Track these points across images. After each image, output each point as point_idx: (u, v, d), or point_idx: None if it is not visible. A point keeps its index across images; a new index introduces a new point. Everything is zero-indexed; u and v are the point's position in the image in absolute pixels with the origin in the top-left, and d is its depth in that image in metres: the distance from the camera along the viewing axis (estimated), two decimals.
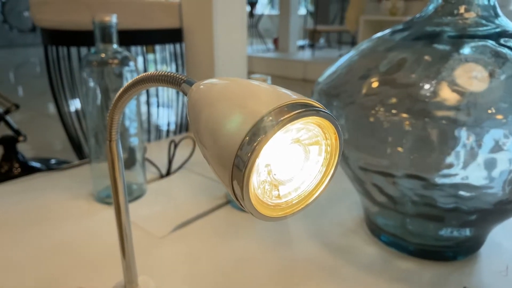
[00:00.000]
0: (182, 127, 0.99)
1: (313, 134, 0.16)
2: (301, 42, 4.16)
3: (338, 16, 4.72)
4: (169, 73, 0.20)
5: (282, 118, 0.14)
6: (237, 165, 0.14)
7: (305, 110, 0.14)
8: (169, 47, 0.90)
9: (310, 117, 0.14)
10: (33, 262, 0.44)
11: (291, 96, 0.14)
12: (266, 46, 3.97)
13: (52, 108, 1.93)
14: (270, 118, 0.14)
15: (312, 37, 3.84)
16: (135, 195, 0.58)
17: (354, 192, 0.61)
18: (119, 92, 0.23)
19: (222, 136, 0.14)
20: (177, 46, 0.90)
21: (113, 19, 0.52)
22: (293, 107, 0.14)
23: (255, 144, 0.13)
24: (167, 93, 1.07)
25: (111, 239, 0.48)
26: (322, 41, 4.69)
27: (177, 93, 1.01)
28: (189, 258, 0.45)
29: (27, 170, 0.74)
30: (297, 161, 0.16)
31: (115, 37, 0.53)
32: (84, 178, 0.65)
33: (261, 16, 4.44)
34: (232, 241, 0.48)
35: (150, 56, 1.11)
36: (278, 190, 0.16)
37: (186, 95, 0.18)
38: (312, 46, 3.83)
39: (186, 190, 0.61)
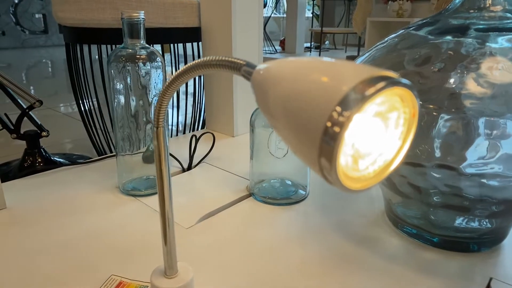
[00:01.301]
0: (187, 126, 1.00)
1: (392, 106, 0.17)
2: (306, 44, 4.18)
3: (344, 18, 4.73)
4: (227, 58, 0.21)
5: (369, 91, 0.14)
6: (326, 139, 0.14)
7: (389, 81, 0.15)
8: (184, 47, 0.91)
9: (394, 88, 0.15)
10: (65, 249, 0.45)
11: (372, 69, 0.15)
12: (274, 47, 3.99)
13: (63, 107, 1.96)
14: (358, 91, 0.14)
15: (318, 39, 3.85)
16: None
17: (373, 187, 0.62)
18: (172, 77, 0.25)
19: (308, 112, 0.15)
20: (190, 45, 0.91)
21: (141, 15, 0.53)
22: (376, 79, 0.15)
23: (345, 117, 0.14)
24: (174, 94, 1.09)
25: (139, 230, 0.49)
26: (327, 43, 4.71)
27: (185, 94, 1.02)
28: (217, 247, 0.46)
29: (50, 164, 0.76)
30: (377, 134, 0.17)
31: (142, 33, 0.54)
32: (108, 172, 0.66)
33: (268, 18, 4.46)
34: (257, 231, 0.49)
35: (166, 56, 1.12)
36: (359, 163, 0.16)
37: (248, 79, 0.19)
38: (318, 47, 3.84)
39: (208, 183, 0.62)
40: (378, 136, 0.17)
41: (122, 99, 0.55)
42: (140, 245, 0.46)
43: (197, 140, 0.69)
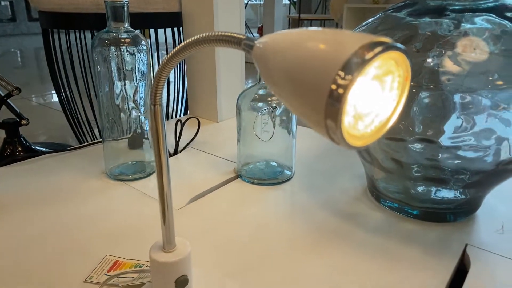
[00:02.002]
0: (169, 114, 1.00)
1: (388, 70, 0.18)
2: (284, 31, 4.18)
3: (321, 5, 4.75)
4: (228, 33, 0.21)
5: (369, 55, 0.16)
6: (331, 102, 0.16)
7: (386, 46, 0.16)
8: (164, 32, 0.90)
9: (390, 52, 0.16)
10: (56, 235, 0.45)
11: (369, 35, 0.17)
12: (252, 34, 3.98)
13: (35, 98, 1.90)
14: (358, 55, 0.16)
15: (296, 26, 3.87)
16: (147, 171, 0.60)
17: (355, 165, 0.64)
18: (171, 54, 0.25)
19: (311, 77, 0.16)
20: (167, 32, 0.90)
21: None
22: (374, 44, 0.16)
23: (348, 80, 0.15)
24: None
25: (130, 212, 0.50)
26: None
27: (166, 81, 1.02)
28: (208, 226, 0.47)
29: (31, 153, 0.74)
30: (375, 96, 0.18)
31: (126, 17, 0.54)
32: (94, 158, 0.66)
33: (246, 4, 4.43)
34: (246, 210, 0.51)
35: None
36: (359, 123, 0.18)
37: (249, 52, 0.20)
38: None
39: (195, 167, 0.63)
40: (375, 98, 0.18)
41: (106, 83, 0.55)
42: (132, 227, 0.47)
43: (182, 125, 0.70)
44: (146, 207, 0.51)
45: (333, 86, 0.15)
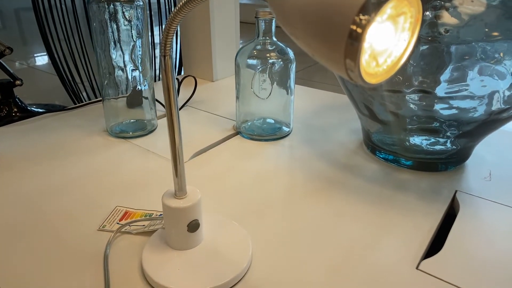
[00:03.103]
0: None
1: (400, 11, 0.19)
2: None
3: None
4: None
5: None
6: (350, 42, 0.17)
7: None
8: None
9: None
10: (66, 189, 0.47)
11: None
12: None
13: (19, 63, 1.85)
14: None
15: None
16: (148, 129, 0.61)
17: (350, 121, 0.66)
18: (181, 4, 0.26)
19: (332, 17, 0.17)
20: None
21: None
22: None
23: (366, 20, 0.16)
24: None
25: (135, 167, 0.51)
26: None
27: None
28: (212, 178, 0.49)
29: (27, 114, 0.74)
30: (388, 35, 0.19)
31: None
32: (93, 117, 0.66)
33: None
34: (247, 164, 0.53)
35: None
36: (374, 61, 0.19)
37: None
38: None
39: (195, 125, 0.64)
40: (389, 38, 0.19)
41: (103, 41, 0.55)
42: (138, 180, 0.48)
43: (179, 83, 0.70)
44: (150, 162, 0.53)
45: (353, 27, 0.16)
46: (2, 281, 0.33)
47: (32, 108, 0.77)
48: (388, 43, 0.19)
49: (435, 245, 0.39)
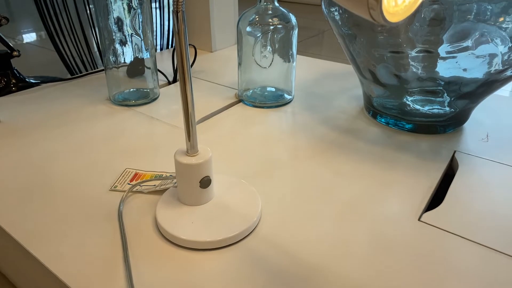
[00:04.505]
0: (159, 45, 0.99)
1: None
2: None
3: None
4: None
5: None
6: None
7: None
8: None
9: None
10: (74, 153, 0.48)
11: None
12: None
13: (11, 39, 1.81)
14: None
15: None
16: (150, 97, 0.61)
17: (351, 89, 0.67)
18: None
19: None
20: None
21: None
22: None
23: None
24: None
25: (140, 133, 0.52)
26: None
27: (160, 9, 0.99)
28: (218, 143, 0.50)
29: (26, 85, 0.74)
30: None
31: None
32: (95, 87, 0.66)
33: None
34: (252, 129, 0.54)
35: None
36: (394, 1, 0.20)
37: None
38: None
39: (197, 93, 0.65)
40: None
41: (104, 9, 0.54)
42: (145, 145, 0.49)
43: None
44: (155, 128, 0.53)
45: None
46: (21, 238, 0.34)
47: (31, 80, 0.77)
48: None
49: (436, 201, 0.41)
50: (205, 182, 0.36)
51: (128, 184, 0.42)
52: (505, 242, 0.34)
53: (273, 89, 0.62)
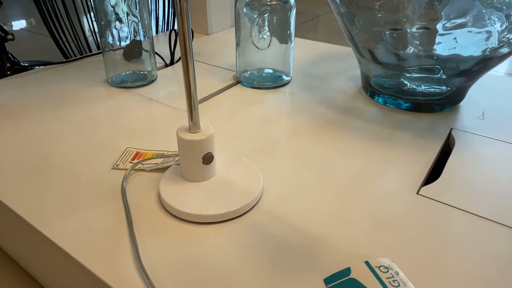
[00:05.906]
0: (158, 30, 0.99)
1: None
2: None
3: None
4: None
5: None
6: None
7: None
8: None
9: None
10: (74, 134, 0.48)
11: None
12: None
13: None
14: None
15: None
16: (148, 79, 0.61)
17: (348, 70, 0.67)
18: None
19: None
20: None
21: None
22: None
23: None
24: None
25: (140, 114, 0.52)
26: None
27: None
28: (218, 123, 0.50)
29: (20, 68, 0.73)
30: None
31: None
32: (92, 69, 0.66)
33: None
34: (251, 109, 0.54)
35: None
36: None
37: None
38: None
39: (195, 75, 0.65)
40: None
41: None
42: (145, 126, 0.49)
43: (177, 34, 0.69)
44: (154, 109, 0.54)
45: None
46: (26, 215, 0.35)
47: (25, 64, 0.76)
48: None
49: (433, 177, 0.41)
50: (208, 158, 0.36)
51: (130, 162, 0.42)
52: (500, 212, 0.35)
53: (271, 71, 0.62)
